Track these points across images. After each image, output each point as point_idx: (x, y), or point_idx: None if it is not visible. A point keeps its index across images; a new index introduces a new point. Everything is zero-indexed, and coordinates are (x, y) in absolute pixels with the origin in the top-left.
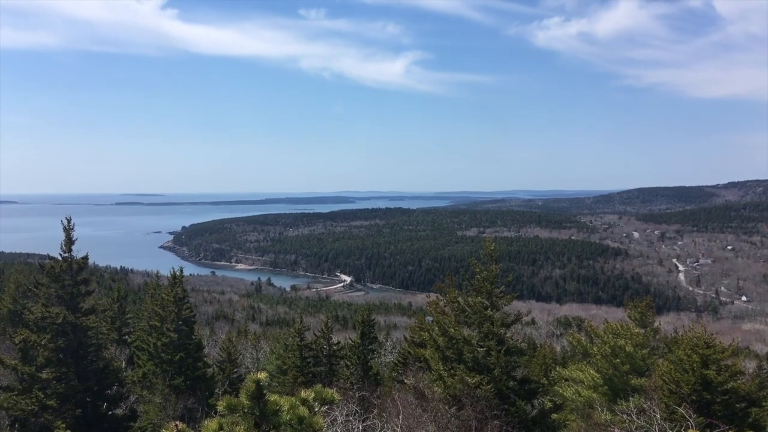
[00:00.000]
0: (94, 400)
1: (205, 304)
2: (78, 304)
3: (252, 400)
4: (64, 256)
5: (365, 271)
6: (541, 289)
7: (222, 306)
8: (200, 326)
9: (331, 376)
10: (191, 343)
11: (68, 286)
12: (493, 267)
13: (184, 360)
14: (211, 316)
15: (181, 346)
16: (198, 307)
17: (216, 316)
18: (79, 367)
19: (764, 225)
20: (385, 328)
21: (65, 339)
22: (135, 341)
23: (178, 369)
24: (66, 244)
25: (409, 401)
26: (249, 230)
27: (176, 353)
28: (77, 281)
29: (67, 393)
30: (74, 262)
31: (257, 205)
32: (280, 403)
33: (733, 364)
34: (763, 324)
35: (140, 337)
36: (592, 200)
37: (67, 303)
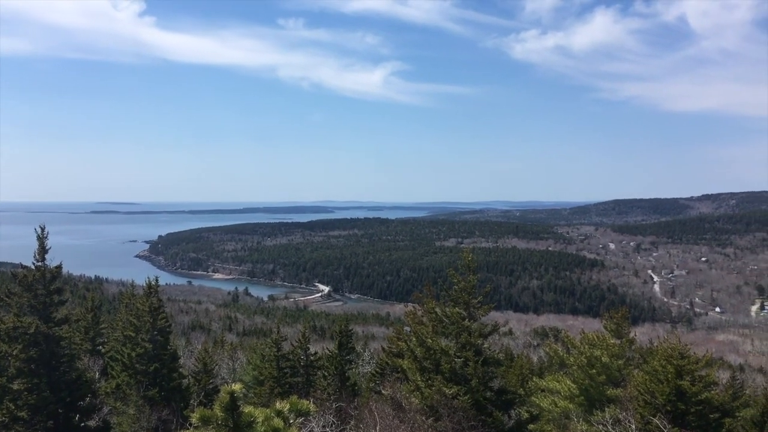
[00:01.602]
0: (66, 412)
1: (181, 314)
2: (51, 314)
3: (226, 412)
4: (37, 265)
5: (343, 281)
6: (518, 299)
7: (198, 316)
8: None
9: (309, 387)
10: (166, 354)
11: (41, 295)
12: (470, 277)
13: (159, 371)
14: (187, 326)
15: (156, 356)
16: (174, 317)
17: (192, 326)
18: (52, 378)
19: (737, 237)
20: (363, 338)
21: (37, 349)
22: (109, 351)
23: (153, 380)
24: (39, 253)
25: (387, 412)
26: (227, 239)
27: (151, 364)
28: (50, 290)
29: (38, 404)
30: (47, 271)
31: (235, 215)
32: (255, 415)
33: (707, 375)
34: (736, 335)
35: (114, 347)
36: (569, 211)
37: (39, 312)
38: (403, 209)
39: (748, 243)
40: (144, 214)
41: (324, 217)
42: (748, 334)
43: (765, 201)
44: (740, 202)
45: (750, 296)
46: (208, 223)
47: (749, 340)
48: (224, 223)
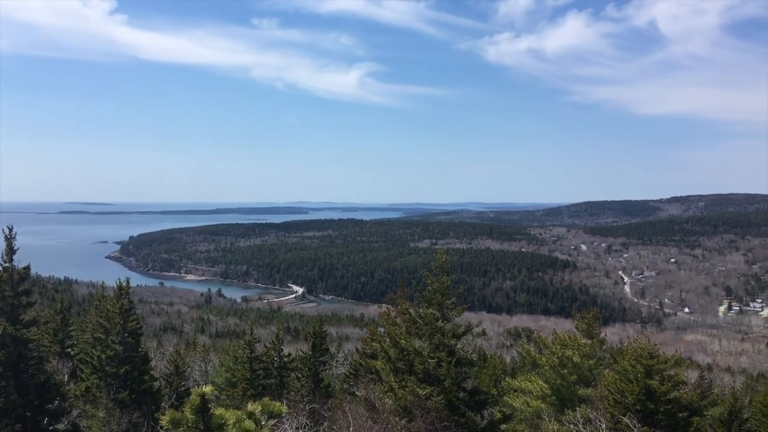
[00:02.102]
0: (34, 415)
1: (152, 316)
2: (18, 316)
3: (196, 414)
4: (4, 266)
5: (318, 282)
6: (492, 300)
7: (170, 318)
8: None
9: (282, 389)
10: (137, 356)
11: (8, 297)
12: (444, 278)
13: (130, 373)
14: (158, 328)
15: (127, 358)
16: (145, 318)
17: (164, 328)
18: (19, 381)
19: (706, 239)
20: (337, 339)
21: (5, 352)
22: (78, 354)
23: (123, 382)
24: (7, 254)
25: (360, 413)
26: (199, 240)
27: (121, 366)
28: (18, 292)
29: (6, 407)
30: (15, 273)
31: (208, 215)
32: (226, 417)
33: (676, 375)
34: (704, 335)
35: (84, 349)
36: (542, 213)
37: (7, 314)
38: (378, 210)
39: (715, 244)
40: (115, 215)
41: (298, 218)
42: (716, 334)
43: (732, 203)
44: (708, 205)
45: (718, 297)
46: (180, 223)
47: (717, 340)
48: (197, 223)
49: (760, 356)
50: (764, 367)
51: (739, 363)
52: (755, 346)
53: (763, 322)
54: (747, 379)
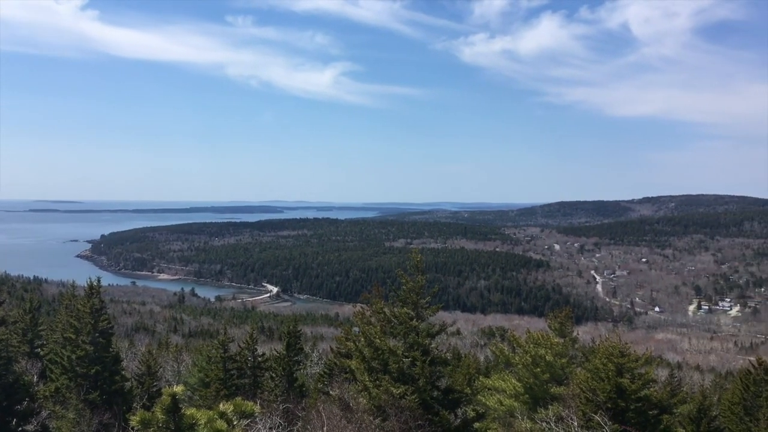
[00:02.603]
0: (3, 416)
1: (124, 316)
2: None
3: (167, 415)
4: None
5: (292, 281)
6: (466, 299)
7: (142, 317)
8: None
9: (256, 389)
10: (108, 356)
11: None
12: (419, 278)
13: (101, 373)
14: (130, 327)
15: (98, 359)
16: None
17: (136, 328)
18: None
19: (676, 239)
20: (312, 339)
21: None
22: (48, 354)
23: (94, 383)
24: None
25: (334, 412)
26: (172, 239)
27: (92, 366)
28: None
29: None
30: None
31: (181, 214)
32: (197, 417)
33: (646, 373)
34: (674, 334)
35: (54, 349)
36: (516, 213)
37: None
38: (353, 210)
39: (686, 244)
40: (86, 213)
41: (273, 217)
42: (686, 332)
43: (702, 204)
44: (679, 205)
45: (687, 296)
46: (153, 222)
47: (687, 339)
48: (170, 222)
49: (729, 355)
50: (732, 365)
51: (708, 361)
52: (724, 345)
53: (731, 321)
54: (716, 378)
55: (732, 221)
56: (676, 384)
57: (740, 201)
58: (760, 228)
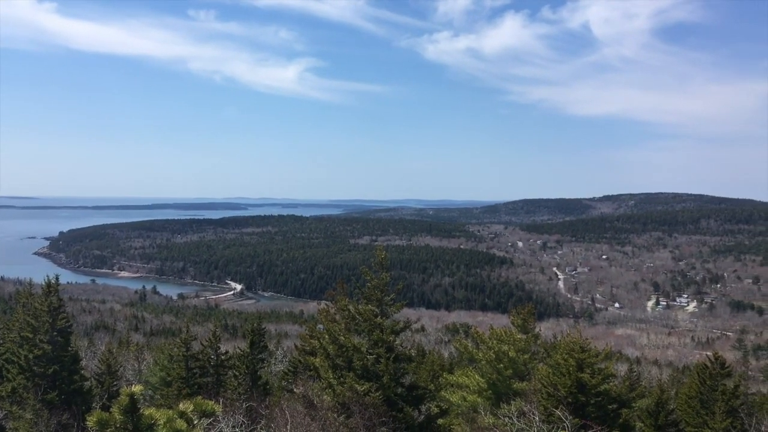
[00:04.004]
0: None
1: (83, 314)
2: None
3: (125, 415)
4: None
5: (257, 278)
6: (430, 296)
7: (102, 316)
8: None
9: (219, 387)
10: (67, 355)
11: None
12: (383, 275)
13: (59, 373)
14: (90, 326)
15: (56, 358)
16: (76, 317)
17: (96, 327)
18: None
19: (635, 236)
20: (276, 336)
21: None
22: (4, 353)
23: (52, 383)
24: None
25: (298, 410)
26: (134, 236)
27: (50, 366)
28: None
29: None
30: None
31: (143, 211)
32: (156, 417)
33: (606, 368)
34: (633, 329)
35: (10, 349)
36: (480, 210)
37: None
38: (318, 207)
39: (644, 242)
40: (43, 210)
41: (237, 213)
42: (645, 328)
43: (661, 202)
44: (638, 203)
45: (646, 292)
46: (113, 219)
47: (645, 334)
48: (131, 219)
49: (686, 349)
50: (689, 359)
51: (666, 356)
52: (681, 340)
53: (688, 316)
54: (673, 372)
55: (689, 219)
56: (635, 378)
57: (697, 199)
58: (716, 225)
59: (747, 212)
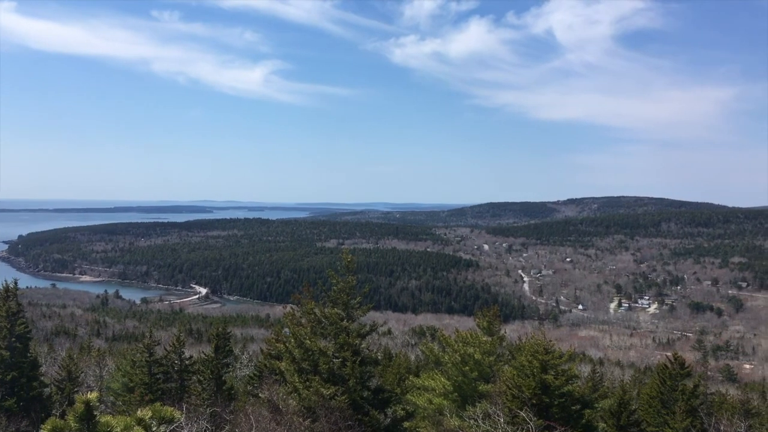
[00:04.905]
0: None
1: (43, 319)
2: None
3: (80, 422)
4: None
5: (222, 282)
6: (397, 299)
7: (63, 321)
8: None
9: (183, 393)
10: (25, 362)
11: None
12: (349, 278)
13: (17, 379)
14: (50, 331)
15: (14, 364)
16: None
17: (56, 332)
18: None
19: (598, 239)
20: (242, 340)
21: None
22: None
23: (11, 389)
24: None
25: (263, 415)
26: (96, 240)
27: (8, 372)
28: None
29: None
30: None
31: (105, 214)
32: (113, 425)
33: (570, 369)
34: (596, 330)
35: None
36: (447, 213)
37: None
38: (285, 210)
39: (607, 244)
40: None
41: (202, 217)
42: (607, 329)
43: (623, 206)
44: (601, 207)
45: (609, 294)
46: (75, 222)
47: (608, 336)
48: (93, 222)
49: (647, 350)
50: (651, 360)
51: (628, 357)
52: (643, 341)
53: (649, 318)
54: (635, 372)
55: (650, 222)
56: (598, 379)
57: (658, 202)
58: (677, 228)
59: (706, 216)
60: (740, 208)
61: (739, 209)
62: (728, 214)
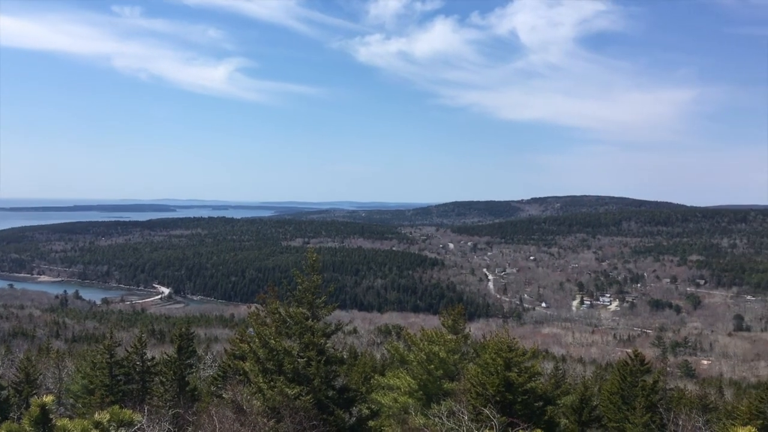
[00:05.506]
0: None
1: (0, 321)
2: None
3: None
4: None
5: (186, 282)
6: (363, 298)
7: (21, 322)
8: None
9: (144, 394)
10: None
11: None
12: (314, 277)
13: None
14: (7, 333)
15: None
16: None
17: (13, 333)
18: None
19: (561, 237)
20: (206, 341)
21: None
22: None
23: None
24: None
25: (227, 416)
26: (54, 239)
27: None
28: None
29: None
30: None
31: (64, 213)
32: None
33: (533, 366)
34: (559, 328)
35: None
36: (412, 212)
37: None
38: (250, 209)
39: (570, 243)
40: None
41: (165, 215)
42: (570, 327)
43: (585, 205)
44: (564, 206)
45: (571, 292)
46: (32, 221)
47: (571, 333)
48: (52, 221)
49: (608, 347)
50: (612, 357)
51: (589, 353)
52: (604, 338)
53: (611, 315)
54: (596, 369)
55: (611, 221)
56: (560, 376)
57: (619, 202)
58: (637, 227)
59: (665, 215)
60: (698, 207)
61: (697, 208)
62: (687, 213)
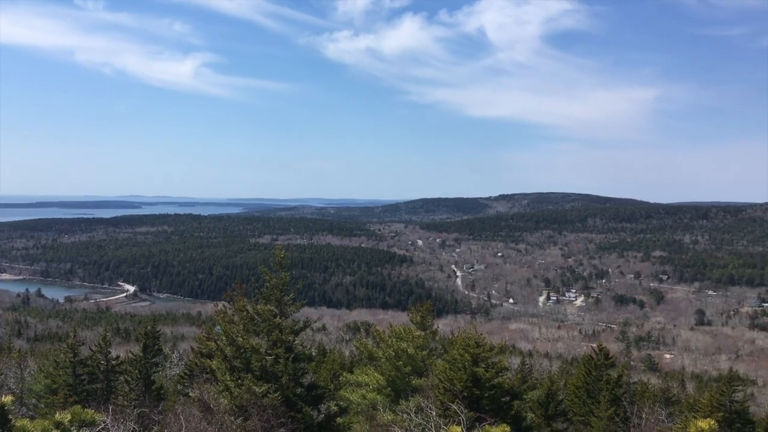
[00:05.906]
0: None
1: None
2: None
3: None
4: None
5: (152, 279)
6: (332, 295)
7: None
8: None
9: (109, 394)
10: None
11: None
12: (282, 274)
13: None
14: None
15: None
16: None
17: None
18: None
19: (528, 234)
20: (172, 339)
21: None
22: None
23: None
24: None
25: (194, 415)
26: (15, 236)
27: None
28: None
29: None
30: None
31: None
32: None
33: (500, 361)
34: (526, 323)
35: None
36: (381, 209)
37: None
38: (217, 205)
39: (537, 239)
40: None
41: (130, 212)
42: (536, 322)
43: (551, 201)
44: (531, 202)
45: (538, 288)
46: None
47: (537, 328)
48: (12, 218)
49: (574, 342)
50: (577, 351)
51: (556, 349)
52: (570, 333)
53: (576, 310)
54: (562, 364)
55: (577, 218)
56: (527, 371)
57: (585, 199)
58: (602, 224)
59: (629, 211)
60: (661, 204)
61: (660, 205)
62: (650, 210)
